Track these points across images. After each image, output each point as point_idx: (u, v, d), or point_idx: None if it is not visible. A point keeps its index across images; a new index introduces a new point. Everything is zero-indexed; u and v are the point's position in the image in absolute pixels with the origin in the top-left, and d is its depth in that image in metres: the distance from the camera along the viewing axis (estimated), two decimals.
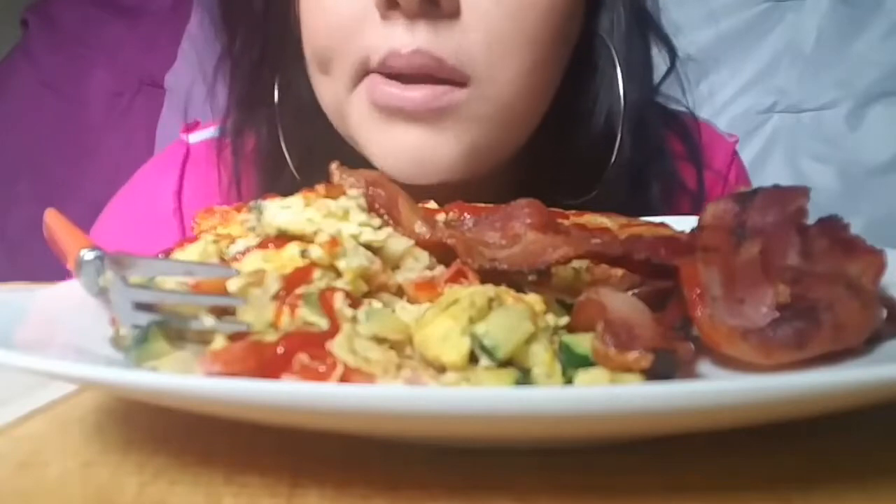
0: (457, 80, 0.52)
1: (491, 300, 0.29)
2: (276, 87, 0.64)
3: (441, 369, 0.27)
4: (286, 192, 0.66)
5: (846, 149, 1.56)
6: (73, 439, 0.28)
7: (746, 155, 1.68)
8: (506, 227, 0.36)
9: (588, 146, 0.62)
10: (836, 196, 1.50)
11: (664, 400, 0.21)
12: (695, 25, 1.63)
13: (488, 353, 0.27)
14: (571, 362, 0.28)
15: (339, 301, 0.28)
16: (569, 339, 0.29)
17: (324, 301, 0.28)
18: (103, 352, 0.30)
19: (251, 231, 0.34)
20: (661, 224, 0.40)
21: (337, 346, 0.26)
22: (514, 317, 0.28)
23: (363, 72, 0.54)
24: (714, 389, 0.22)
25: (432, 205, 0.41)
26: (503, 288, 0.30)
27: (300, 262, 0.31)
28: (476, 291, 0.29)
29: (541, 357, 0.27)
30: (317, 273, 0.30)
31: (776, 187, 0.37)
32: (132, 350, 0.28)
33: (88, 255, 0.33)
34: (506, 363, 0.27)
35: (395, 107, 0.52)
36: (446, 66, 0.51)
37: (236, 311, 0.30)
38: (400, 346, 0.28)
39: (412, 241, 0.33)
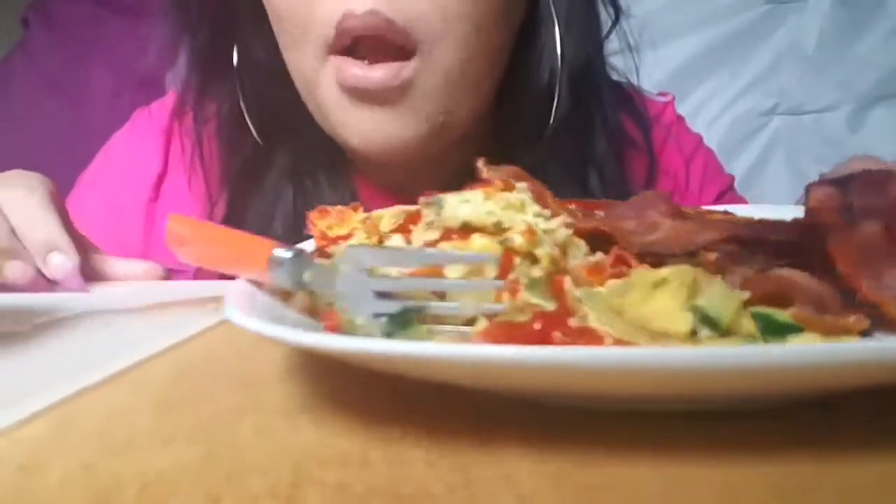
0: (406, 45, 0.56)
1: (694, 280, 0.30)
2: (234, 53, 0.68)
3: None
4: (247, 160, 0.69)
5: (848, 151, 1.55)
6: (74, 441, 0.28)
7: (748, 156, 1.69)
8: (642, 216, 0.39)
9: (534, 101, 0.67)
10: None
11: None
12: (697, 27, 1.64)
13: (712, 323, 0.28)
14: (768, 331, 0.29)
15: (568, 284, 0.31)
16: (759, 310, 0.30)
17: (555, 285, 0.30)
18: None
19: (429, 226, 0.36)
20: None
21: (595, 320, 0.28)
22: (724, 290, 0.30)
23: (328, 43, 0.57)
24: None
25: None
26: (698, 269, 0.32)
27: (493, 251, 0.33)
28: (682, 271, 0.30)
29: (746, 327, 0.29)
30: (517, 260, 0.33)
31: (867, 172, 0.38)
32: (396, 335, 0.30)
33: (285, 252, 0.34)
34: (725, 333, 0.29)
35: (361, 88, 0.57)
36: (397, 27, 0.55)
37: (451, 296, 0.31)
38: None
39: (571, 230, 0.36)
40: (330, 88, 0.59)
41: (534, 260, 0.33)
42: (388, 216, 0.41)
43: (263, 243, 0.38)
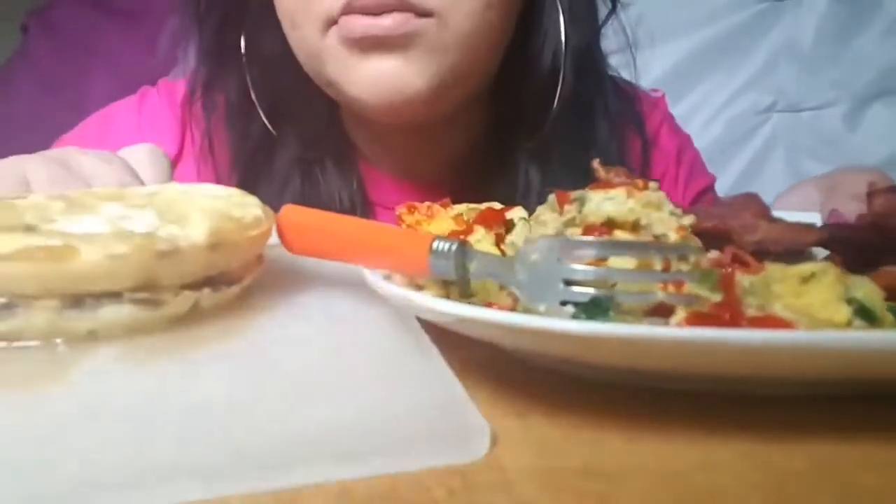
0: (419, 12, 0.57)
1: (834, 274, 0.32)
2: (242, 41, 0.69)
3: None
4: (256, 147, 0.70)
5: (845, 148, 1.57)
6: None
7: (746, 154, 1.69)
8: (739, 217, 0.42)
9: (537, 85, 0.68)
10: None
11: None
12: (693, 26, 1.64)
13: (867, 315, 0.30)
14: None
15: (738, 277, 0.32)
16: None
17: (726, 279, 0.32)
18: None
19: (570, 222, 0.37)
20: None
21: (781, 310, 0.30)
22: (872, 285, 0.31)
23: (332, 21, 0.59)
24: None
25: None
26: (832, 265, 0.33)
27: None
28: (826, 267, 0.32)
29: (889, 318, 0.31)
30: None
31: None
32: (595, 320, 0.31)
33: (448, 243, 0.34)
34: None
35: (369, 35, 0.57)
36: (409, 3, 0.57)
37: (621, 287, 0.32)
38: None
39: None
40: (335, 51, 0.60)
41: None
42: (466, 212, 0.44)
43: (392, 232, 0.39)
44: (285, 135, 0.70)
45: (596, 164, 0.42)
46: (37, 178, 0.52)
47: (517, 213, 0.42)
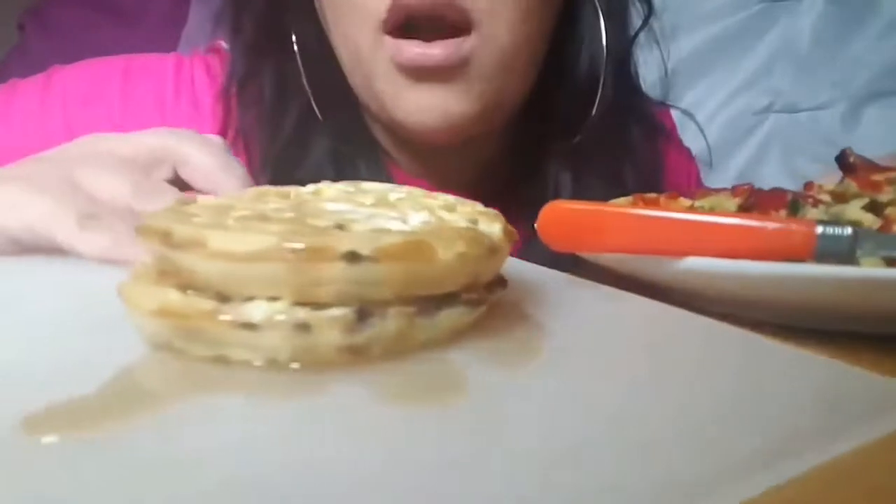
0: (463, 24, 0.56)
1: None
2: (292, 33, 0.67)
3: None
4: (288, 142, 0.66)
5: (842, 148, 1.59)
6: None
7: (743, 155, 1.71)
8: None
9: (572, 92, 0.68)
10: None
11: None
12: (691, 27, 1.65)
13: None
14: None
15: None
16: None
17: None
18: None
19: None
20: None
21: None
22: None
23: (381, 20, 0.57)
24: None
25: None
26: None
27: None
28: None
29: None
30: None
31: None
32: None
33: (835, 228, 0.34)
34: None
35: (421, 65, 0.56)
36: (455, 5, 0.56)
37: None
38: None
39: None
40: (387, 67, 0.59)
41: None
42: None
43: (761, 219, 0.36)
44: (319, 132, 0.68)
45: (848, 150, 0.43)
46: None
47: None
